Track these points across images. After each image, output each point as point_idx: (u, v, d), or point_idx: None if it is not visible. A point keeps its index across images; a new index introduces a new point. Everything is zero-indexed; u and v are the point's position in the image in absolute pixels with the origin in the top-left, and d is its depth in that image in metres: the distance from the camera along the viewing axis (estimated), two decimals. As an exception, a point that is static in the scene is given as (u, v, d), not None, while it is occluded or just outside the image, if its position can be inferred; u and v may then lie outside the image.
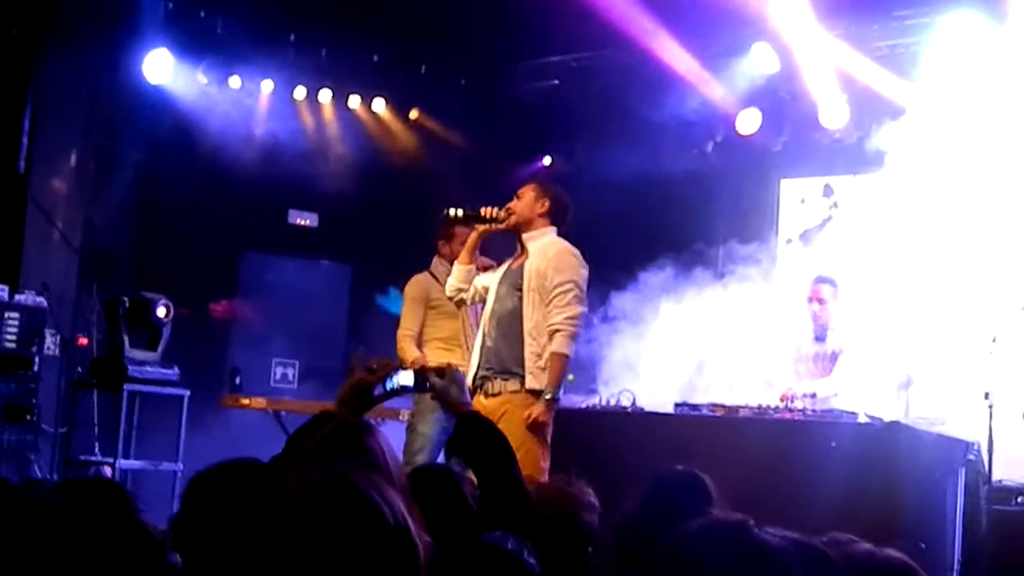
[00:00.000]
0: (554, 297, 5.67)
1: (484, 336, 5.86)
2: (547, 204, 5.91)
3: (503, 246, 6.26)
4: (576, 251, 5.86)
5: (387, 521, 1.67)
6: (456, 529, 2.78)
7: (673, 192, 9.65)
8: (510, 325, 5.74)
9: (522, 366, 5.65)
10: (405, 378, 3.21)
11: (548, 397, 5.59)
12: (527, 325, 5.69)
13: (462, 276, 6.01)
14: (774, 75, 9.51)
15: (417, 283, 7.14)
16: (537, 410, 5.56)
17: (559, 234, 5.94)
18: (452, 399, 3.16)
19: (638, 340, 8.25)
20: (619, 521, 3.29)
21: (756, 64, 9.52)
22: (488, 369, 5.76)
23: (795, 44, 9.25)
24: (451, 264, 6.39)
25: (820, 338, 7.66)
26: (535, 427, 5.55)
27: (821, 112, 9.34)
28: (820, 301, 7.64)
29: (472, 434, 3.05)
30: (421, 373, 3.24)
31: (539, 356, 5.66)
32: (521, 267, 5.82)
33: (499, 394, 5.69)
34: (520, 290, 5.75)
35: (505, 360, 5.72)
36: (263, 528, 1.70)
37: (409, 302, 7.13)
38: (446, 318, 6.99)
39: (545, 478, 5.36)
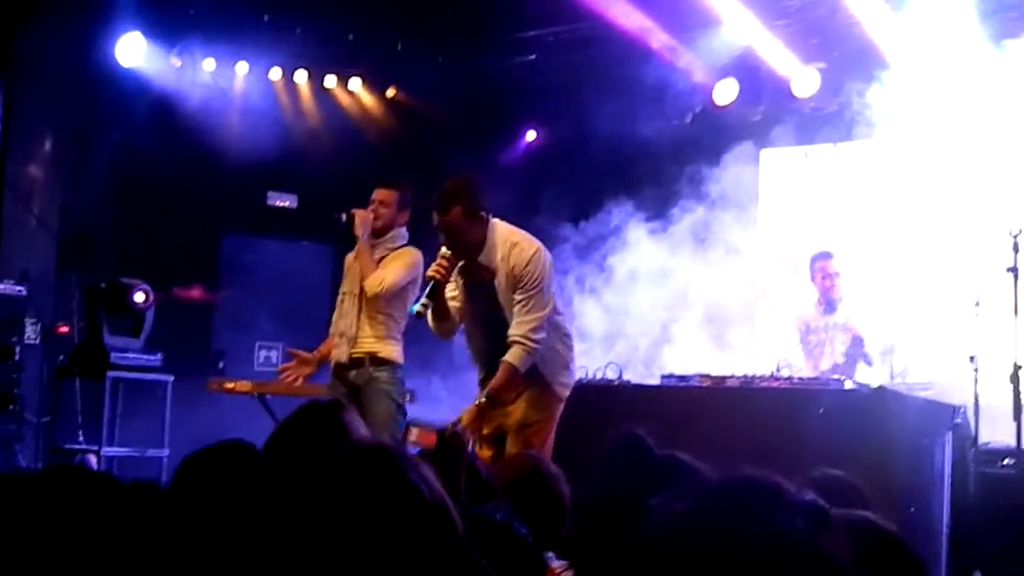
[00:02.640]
0: (516, 305, 5.39)
1: (480, 347, 5.62)
2: (478, 215, 5.38)
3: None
4: (531, 240, 5.50)
5: (425, 497, 1.66)
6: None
7: (655, 163, 9.65)
8: (505, 338, 5.46)
9: (538, 369, 5.48)
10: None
11: (483, 401, 5.38)
12: None
13: (434, 328, 5.62)
14: (749, 45, 9.50)
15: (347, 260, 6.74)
16: (467, 415, 5.35)
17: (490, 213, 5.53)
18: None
19: (621, 307, 8.38)
20: (576, 505, 3.27)
21: (731, 35, 9.49)
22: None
23: (765, 14, 9.26)
24: None
25: (829, 310, 7.78)
26: (465, 425, 5.31)
27: (793, 82, 9.36)
28: (835, 275, 7.83)
29: None
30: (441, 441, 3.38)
31: (551, 358, 5.51)
32: (491, 284, 5.47)
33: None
34: (501, 309, 5.46)
35: None
36: (300, 504, 1.69)
37: None
38: None
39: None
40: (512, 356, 5.37)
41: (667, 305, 8.78)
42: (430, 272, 5.40)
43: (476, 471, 3.05)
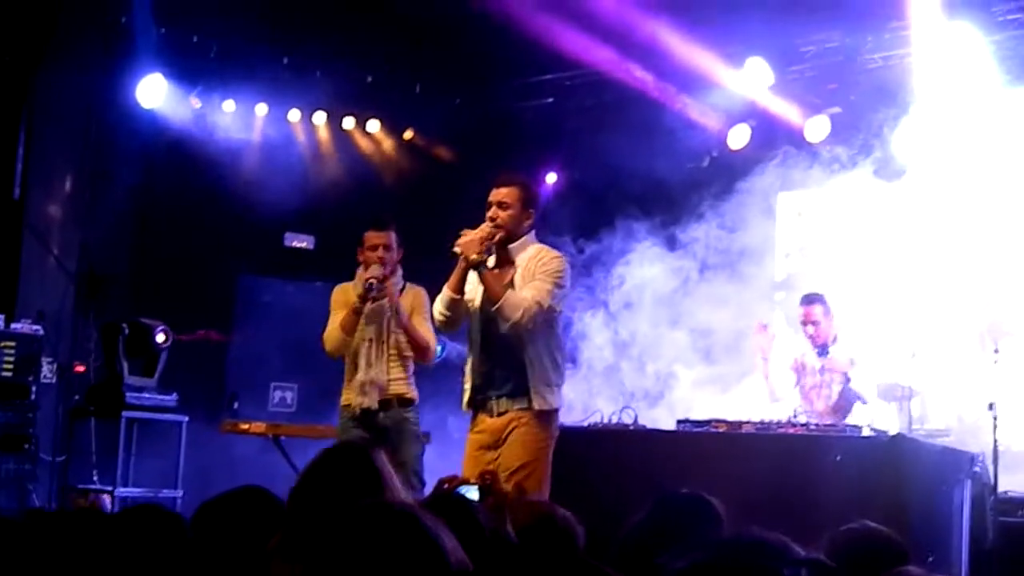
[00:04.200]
0: (533, 280, 5.44)
1: (479, 358, 5.61)
2: (533, 214, 5.59)
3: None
4: (561, 255, 5.63)
5: (449, 560, 1.65)
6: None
7: (673, 206, 9.66)
8: (507, 345, 5.50)
9: (526, 384, 5.46)
10: (471, 492, 3.49)
11: (481, 265, 5.38)
12: (529, 351, 5.47)
13: (450, 303, 5.58)
14: (767, 90, 9.55)
15: (341, 290, 6.75)
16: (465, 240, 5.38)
17: None
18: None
19: (630, 339, 8.42)
20: (620, 540, 3.26)
21: (749, 79, 9.53)
22: (490, 391, 5.54)
23: (782, 59, 9.31)
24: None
25: (822, 352, 7.66)
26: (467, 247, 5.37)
27: (806, 128, 9.41)
28: (814, 323, 7.63)
29: None
30: (484, 489, 3.49)
31: (542, 375, 5.49)
32: (510, 282, 5.52)
33: (506, 412, 5.49)
34: None
35: (508, 380, 5.50)
36: (320, 555, 1.68)
37: (333, 307, 6.75)
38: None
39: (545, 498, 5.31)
40: (527, 293, 5.38)
41: (678, 342, 8.84)
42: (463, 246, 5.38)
43: (478, 523, 3.00)
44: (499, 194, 5.51)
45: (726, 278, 9.06)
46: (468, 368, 5.68)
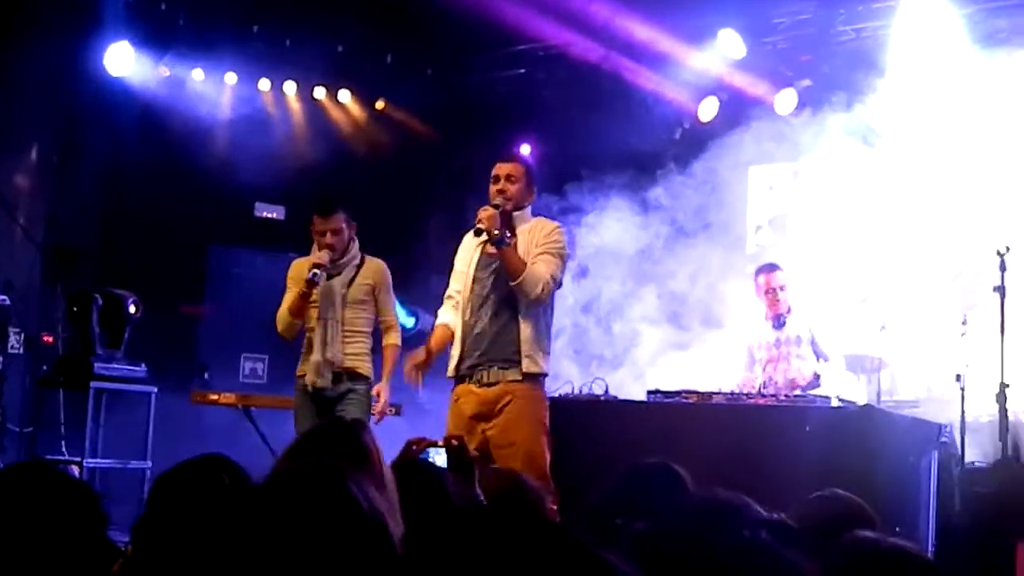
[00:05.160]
0: (542, 254, 5.58)
1: (469, 322, 5.66)
2: (532, 186, 5.79)
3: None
4: (559, 225, 5.82)
5: (364, 513, 1.65)
6: (438, 521, 2.77)
7: (644, 178, 9.65)
8: (500, 310, 5.59)
9: (518, 351, 5.53)
10: (439, 457, 3.51)
11: (502, 242, 5.47)
12: (529, 318, 5.55)
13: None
14: (738, 63, 9.54)
15: (298, 265, 6.74)
16: (487, 215, 5.47)
17: None
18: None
19: (597, 310, 8.48)
20: (589, 508, 3.27)
21: (721, 52, 9.52)
22: (480, 357, 5.59)
23: (754, 31, 9.31)
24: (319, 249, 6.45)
25: (779, 325, 7.59)
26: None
27: (776, 101, 9.41)
28: (781, 288, 7.57)
29: None
30: (452, 453, 3.47)
31: (535, 340, 5.56)
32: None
33: (497, 383, 5.54)
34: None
35: (498, 346, 5.57)
36: (240, 513, 1.67)
37: (289, 283, 6.74)
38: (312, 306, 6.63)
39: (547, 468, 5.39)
40: (537, 267, 5.51)
41: (648, 313, 8.88)
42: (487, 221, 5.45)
43: (446, 492, 3.00)
44: (506, 168, 5.72)
45: (698, 247, 9.10)
46: (458, 334, 5.71)
